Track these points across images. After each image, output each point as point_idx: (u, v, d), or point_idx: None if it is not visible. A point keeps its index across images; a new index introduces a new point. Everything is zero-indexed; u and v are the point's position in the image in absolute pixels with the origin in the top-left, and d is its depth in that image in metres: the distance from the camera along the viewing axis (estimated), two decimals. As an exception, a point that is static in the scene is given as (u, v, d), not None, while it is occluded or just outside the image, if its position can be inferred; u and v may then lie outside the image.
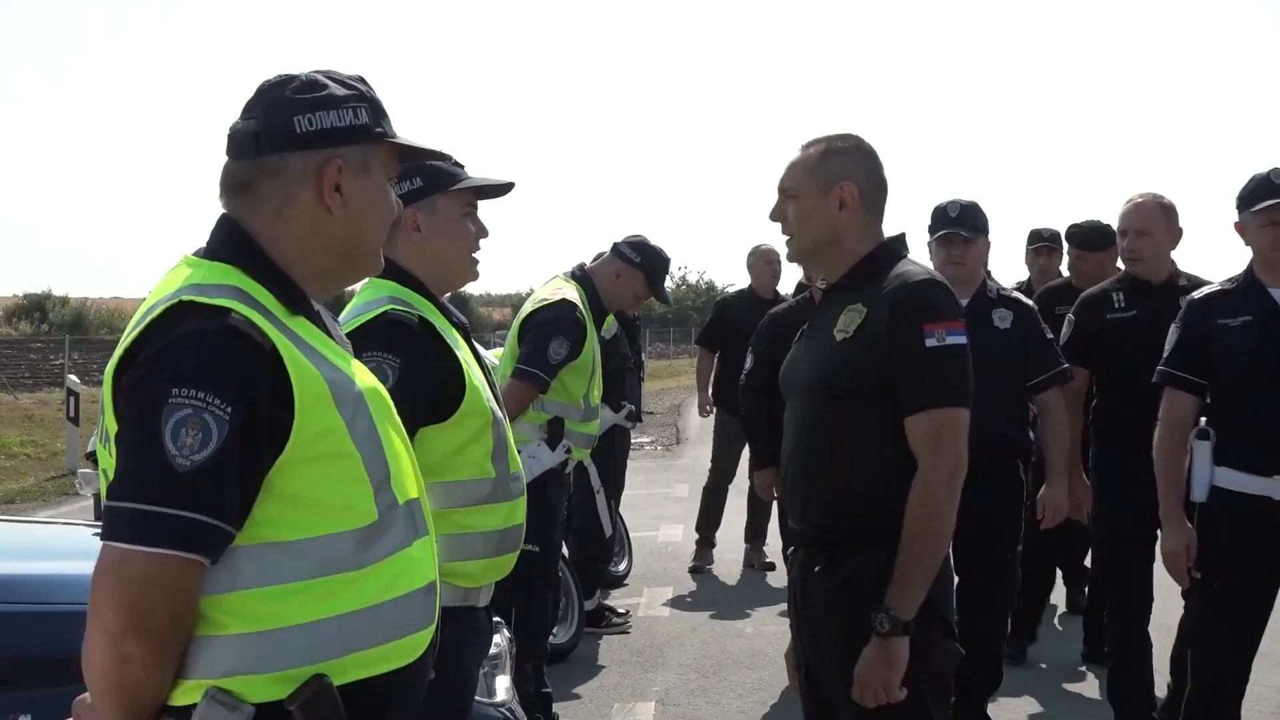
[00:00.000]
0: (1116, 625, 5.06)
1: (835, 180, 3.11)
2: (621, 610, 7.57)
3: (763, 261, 8.67)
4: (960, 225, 5.00)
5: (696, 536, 9.03)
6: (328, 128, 2.01)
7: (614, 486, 7.77)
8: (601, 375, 5.49)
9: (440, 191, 3.13)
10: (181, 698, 1.82)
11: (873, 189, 3.16)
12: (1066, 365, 5.06)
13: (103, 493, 1.89)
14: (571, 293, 5.31)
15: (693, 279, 69.50)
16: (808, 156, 3.16)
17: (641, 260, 5.57)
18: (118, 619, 1.76)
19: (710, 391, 9.25)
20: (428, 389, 2.94)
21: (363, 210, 2.06)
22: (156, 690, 1.81)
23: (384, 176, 2.10)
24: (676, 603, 8.05)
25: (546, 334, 5.10)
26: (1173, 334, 4.33)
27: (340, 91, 2.04)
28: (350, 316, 3.04)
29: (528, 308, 5.31)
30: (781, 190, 3.19)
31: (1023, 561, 5.49)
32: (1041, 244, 7.30)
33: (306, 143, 2.00)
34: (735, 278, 72.27)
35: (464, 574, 3.01)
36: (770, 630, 7.18)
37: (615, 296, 5.61)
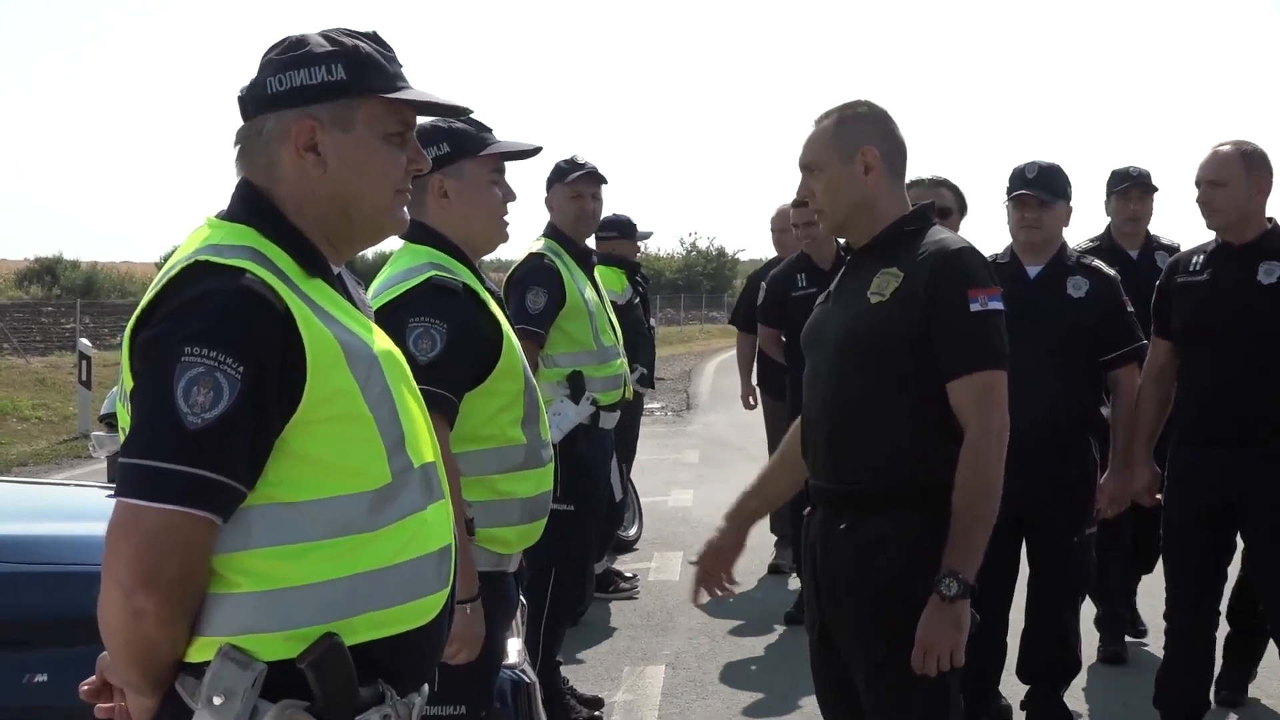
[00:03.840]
0: (1170, 623, 4.72)
1: (856, 146, 3.10)
2: (629, 574, 7.60)
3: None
4: (1036, 188, 4.70)
5: (775, 539, 8.02)
6: (297, 86, 1.98)
7: (626, 451, 7.77)
8: (614, 320, 5.44)
9: (468, 156, 3.15)
10: (196, 655, 1.84)
11: (893, 150, 3.16)
12: (1144, 342, 4.73)
13: None
14: (536, 246, 5.30)
15: (703, 245, 69.35)
16: (824, 129, 3.15)
17: (549, 178, 5.50)
18: (130, 574, 1.77)
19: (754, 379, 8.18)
20: (474, 353, 2.97)
21: (350, 169, 2.00)
22: (171, 646, 1.83)
23: (377, 133, 2.02)
24: (687, 568, 8.05)
25: (521, 290, 5.11)
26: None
27: (319, 49, 2.00)
28: (391, 282, 3.06)
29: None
30: (804, 167, 3.19)
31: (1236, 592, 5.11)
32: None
33: (278, 103, 1.99)
34: (745, 243, 71.93)
35: (500, 540, 3.06)
36: (780, 595, 7.20)
37: (572, 220, 5.43)
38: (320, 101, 1.99)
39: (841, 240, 3.80)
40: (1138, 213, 6.01)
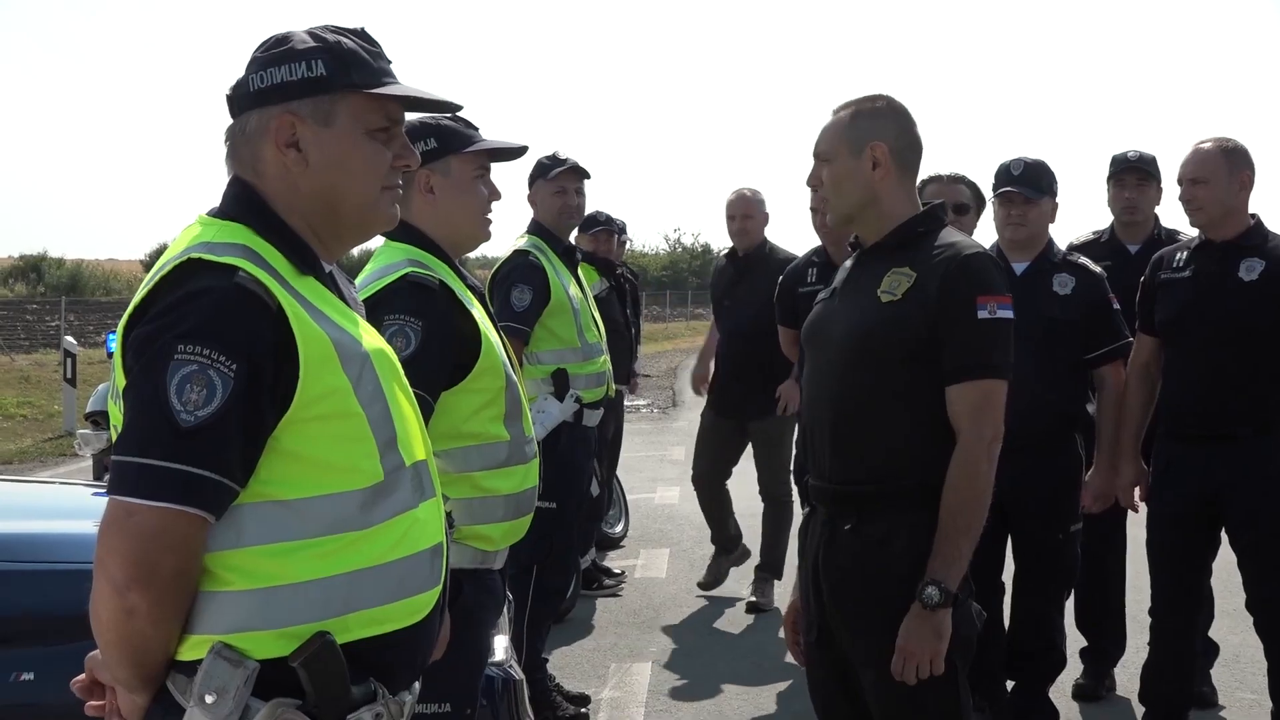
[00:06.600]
0: (1155, 619, 4.71)
1: (866, 141, 3.08)
2: (616, 570, 7.60)
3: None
4: (1022, 184, 4.70)
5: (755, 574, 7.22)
6: (279, 83, 1.98)
7: (610, 447, 7.76)
8: (597, 317, 5.44)
9: (454, 153, 3.15)
10: (188, 653, 1.84)
11: (905, 147, 3.13)
12: (1129, 339, 4.73)
13: None
14: (521, 243, 5.31)
15: (687, 241, 69.32)
16: (839, 120, 3.14)
17: (531, 174, 5.51)
18: (123, 572, 1.77)
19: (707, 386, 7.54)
20: (450, 351, 2.97)
21: (331, 164, 2.00)
22: (162, 644, 1.83)
23: (359, 128, 2.02)
24: (673, 564, 8.09)
25: (505, 288, 5.13)
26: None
27: (301, 46, 2.01)
28: (369, 280, 3.06)
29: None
30: (816, 155, 3.18)
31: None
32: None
33: (262, 99, 1.99)
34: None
35: (484, 537, 3.05)
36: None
37: (555, 216, 5.43)
38: (300, 97, 1.99)
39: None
40: (1134, 201, 5.50)
